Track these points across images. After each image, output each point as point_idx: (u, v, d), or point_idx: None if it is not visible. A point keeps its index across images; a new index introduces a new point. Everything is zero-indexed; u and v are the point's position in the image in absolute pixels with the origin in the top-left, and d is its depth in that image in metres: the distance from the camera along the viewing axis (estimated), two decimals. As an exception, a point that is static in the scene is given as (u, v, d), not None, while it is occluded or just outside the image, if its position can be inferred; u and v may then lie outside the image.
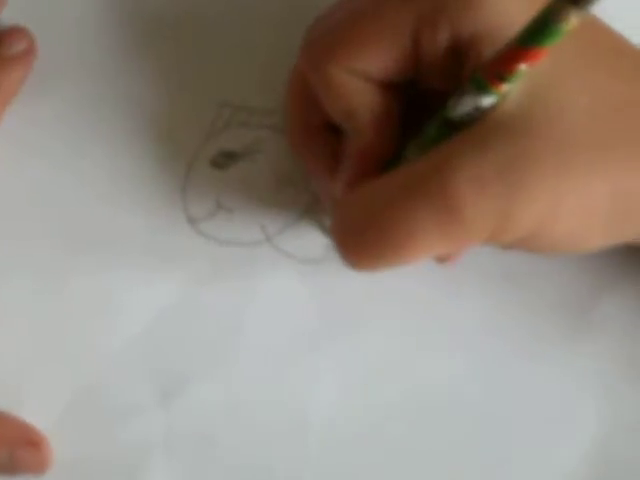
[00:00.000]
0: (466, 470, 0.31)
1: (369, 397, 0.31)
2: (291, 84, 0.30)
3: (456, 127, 0.24)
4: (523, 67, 0.22)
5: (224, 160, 0.31)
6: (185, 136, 0.31)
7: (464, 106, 0.24)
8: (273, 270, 0.31)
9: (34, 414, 0.30)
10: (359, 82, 0.26)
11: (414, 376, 0.31)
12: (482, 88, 0.23)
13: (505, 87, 0.23)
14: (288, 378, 0.31)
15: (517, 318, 0.31)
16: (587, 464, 0.30)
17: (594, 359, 0.31)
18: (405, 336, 0.31)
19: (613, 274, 0.31)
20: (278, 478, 0.31)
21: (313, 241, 0.31)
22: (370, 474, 0.31)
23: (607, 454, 0.30)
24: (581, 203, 0.24)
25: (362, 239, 0.25)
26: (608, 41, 0.25)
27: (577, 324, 0.31)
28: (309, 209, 0.31)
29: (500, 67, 0.23)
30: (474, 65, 0.24)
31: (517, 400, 0.31)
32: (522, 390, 0.31)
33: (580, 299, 0.31)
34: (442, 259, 0.29)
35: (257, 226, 0.31)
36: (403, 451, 0.31)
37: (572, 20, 0.21)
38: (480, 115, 0.24)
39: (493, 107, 0.23)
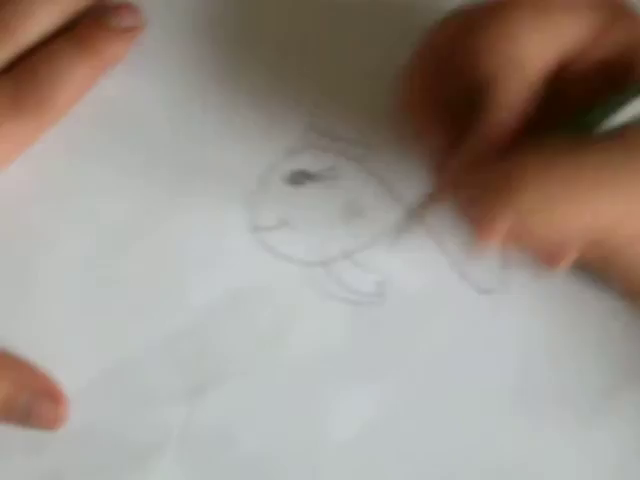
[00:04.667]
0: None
1: (386, 438, 0.31)
2: (419, 59, 0.29)
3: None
4: None
5: (300, 178, 0.32)
6: (268, 146, 0.32)
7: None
8: (320, 296, 0.32)
9: (62, 375, 0.30)
10: (523, 57, 0.27)
11: (435, 431, 0.31)
12: None
13: None
14: (314, 400, 0.31)
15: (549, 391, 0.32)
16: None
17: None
18: (437, 390, 0.32)
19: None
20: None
21: (367, 277, 0.32)
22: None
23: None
24: None
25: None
26: None
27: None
28: (371, 244, 0.32)
29: None
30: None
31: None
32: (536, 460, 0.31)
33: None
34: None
35: (315, 248, 0.32)
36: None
37: None
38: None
39: None
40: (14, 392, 0.29)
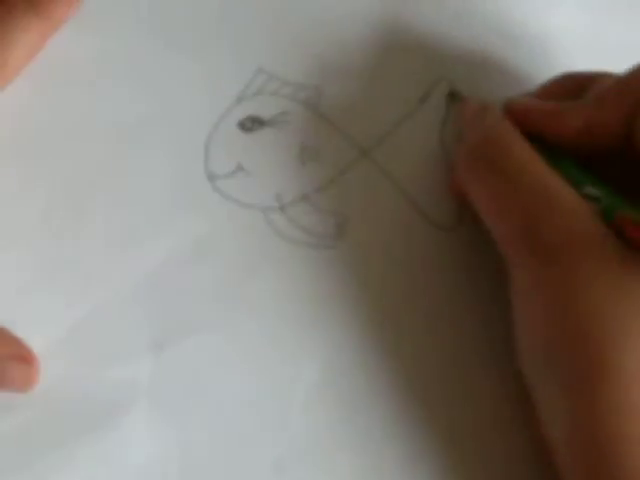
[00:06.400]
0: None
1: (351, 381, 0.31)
2: None
3: None
4: None
5: (251, 124, 0.32)
6: (218, 94, 0.32)
7: None
8: (280, 240, 0.31)
9: (27, 336, 0.29)
10: None
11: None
12: None
13: None
14: (280, 343, 0.31)
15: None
16: None
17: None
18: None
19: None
20: (254, 441, 0.30)
21: (325, 219, 0.32)
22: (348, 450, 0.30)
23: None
24: None
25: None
26: None
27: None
28: (327, 186, 0.32)
29: None
30: None
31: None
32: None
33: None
34: None
35: (273, 193, 0.32)
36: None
37: None
38: None
39: None
40: None
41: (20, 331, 0.29)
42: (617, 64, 0.29)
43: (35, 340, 0.30)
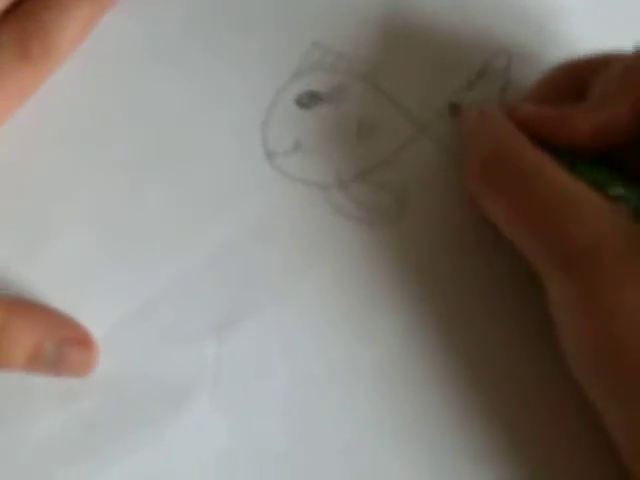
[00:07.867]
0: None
1: (416, 364, 0.30)
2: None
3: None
4: None
5: (308, 100, 0.31)
6: (273, 70, 0.31)
7: None
8: (339, 217, 0.31)
9: (88, 320, 0.29)
10: None
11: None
12: None
13: None
14: (344, 321, 0.30)
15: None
16: None
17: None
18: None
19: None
20: (320, 425, 0.29)
21: (385, 195, 0.31)
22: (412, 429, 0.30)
23: None
24: None
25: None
26: None
27: None
28: (386, 162, 0.31)
29: None
30: None
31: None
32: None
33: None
34: None
35: (332, 170, 0.31)
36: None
37: None
38: None
39: None
40: (42, 340, 0.28)
41: (81, 315, 0.29)
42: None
43: (97, 324, 0.29)
